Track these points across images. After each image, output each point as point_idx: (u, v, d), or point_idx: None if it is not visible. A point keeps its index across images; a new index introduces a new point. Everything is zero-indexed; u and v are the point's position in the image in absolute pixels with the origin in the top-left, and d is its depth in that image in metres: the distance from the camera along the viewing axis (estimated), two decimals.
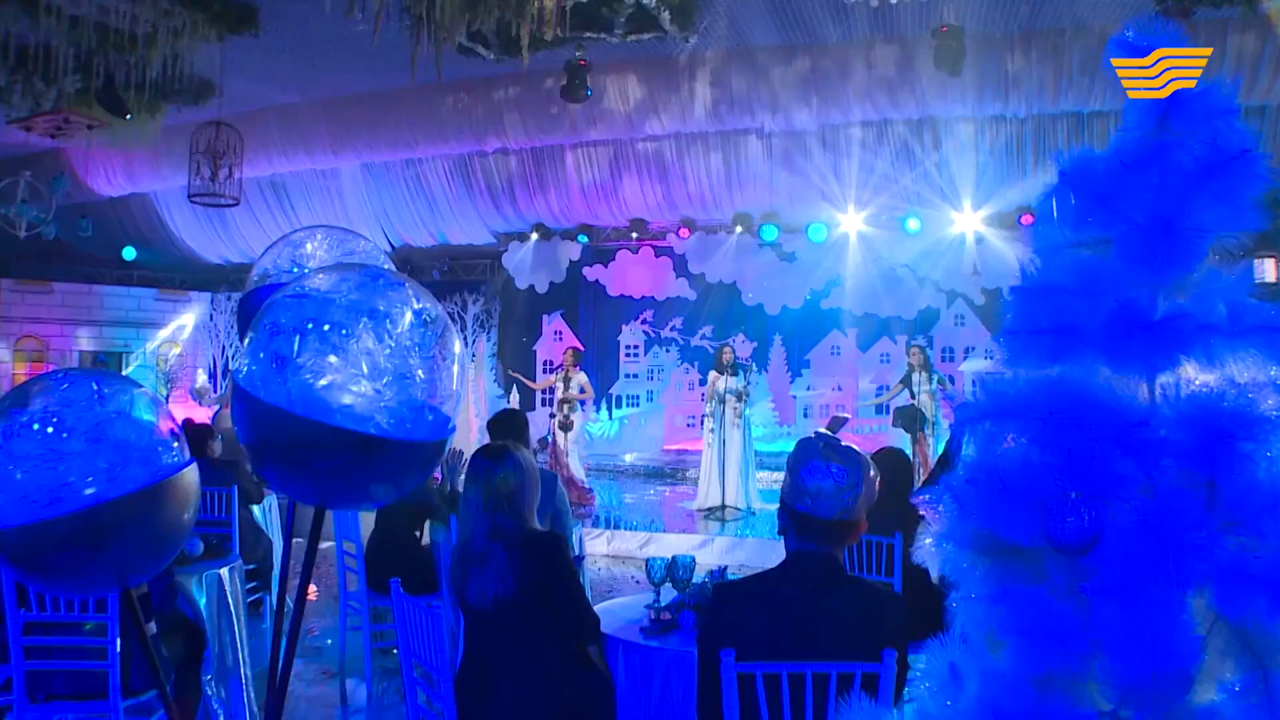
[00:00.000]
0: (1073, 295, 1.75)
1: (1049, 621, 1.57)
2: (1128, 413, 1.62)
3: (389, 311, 1.90)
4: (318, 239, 2.67)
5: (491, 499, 3.01)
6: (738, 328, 14.87)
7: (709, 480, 9.50)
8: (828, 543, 2.46)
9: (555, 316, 15.78)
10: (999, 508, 1.71)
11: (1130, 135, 1.85)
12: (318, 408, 1.79)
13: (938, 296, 14.07)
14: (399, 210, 15.82)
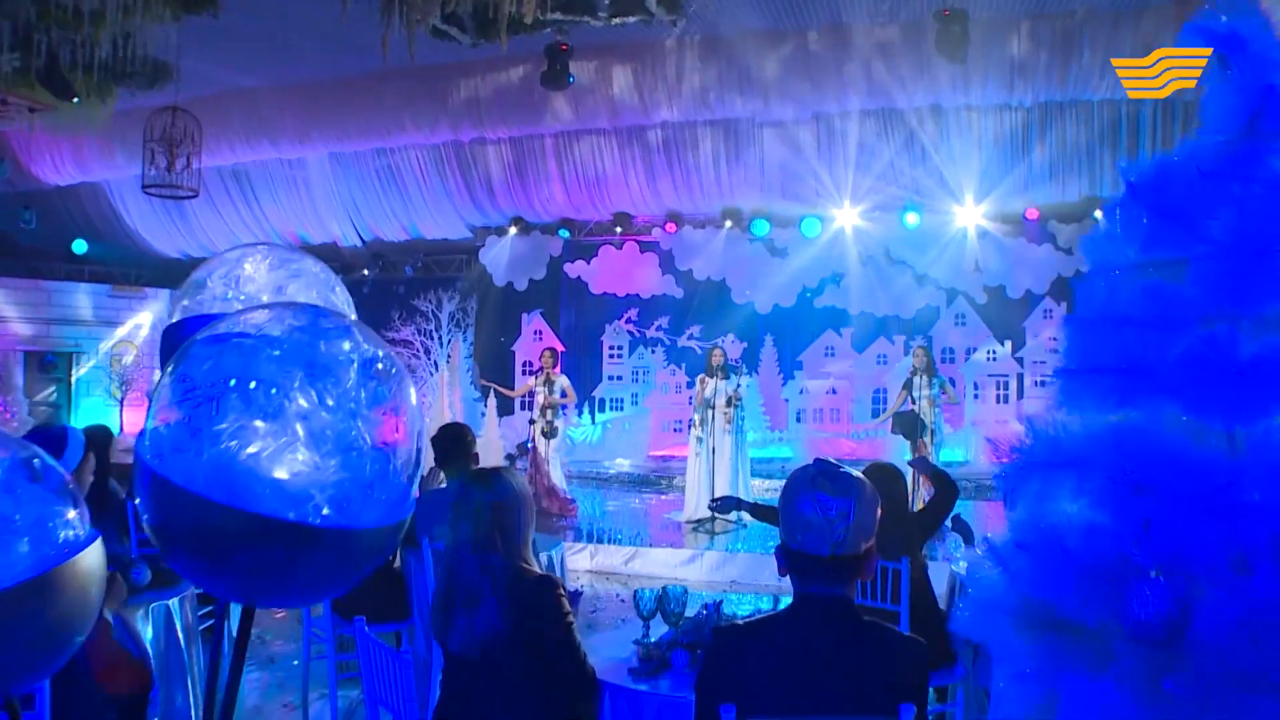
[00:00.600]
0: (1141, 328, 1.53)
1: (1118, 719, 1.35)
2: (1212, 471, 1.40)
3: (331, 363, 1.59)
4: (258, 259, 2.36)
5: (484, 534, 2.74)
6: (727, 327, 14.72)
7: (697, 491, 9.29)
8: (833, 582, 2.25)
9: (535, 315, 15.59)
10: (1056, 577, 1.49)
11: (1210, 139, 1.62)
12: (240, 489, 1.48)
13: (937, 294, 14.04)
14: (370, 202, 15.57)
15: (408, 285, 16.05)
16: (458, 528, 2.80)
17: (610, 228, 14.98)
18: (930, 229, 13.52)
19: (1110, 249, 1.59)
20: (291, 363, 1.53)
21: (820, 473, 2.21)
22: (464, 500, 2.85)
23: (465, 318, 15.71)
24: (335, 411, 1.50)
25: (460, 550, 2.81)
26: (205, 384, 1.51)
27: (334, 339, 1.59)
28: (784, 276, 14.39)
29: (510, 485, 2.88)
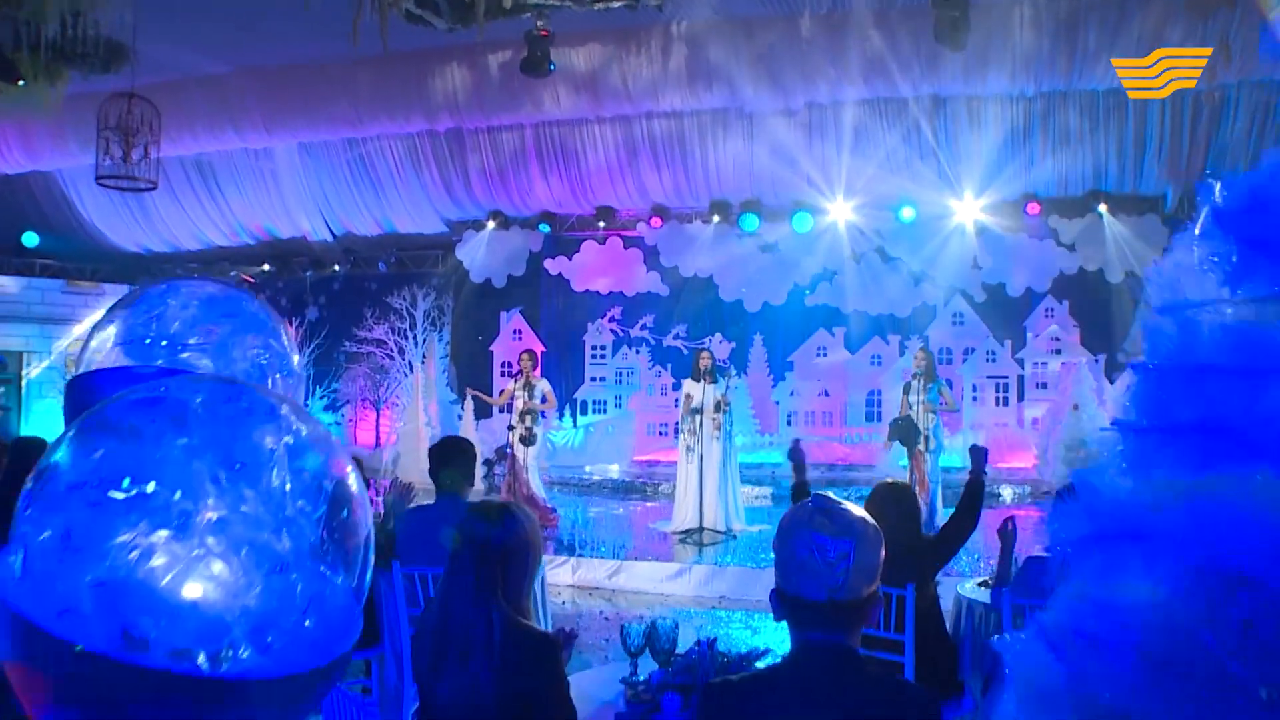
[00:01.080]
0: (1228, 377, 1.31)
1: None
2: None
3: (255, 457, 1.28)
4: (192, 307, 2.02)
5: (488, 579, 2.49)
6: (714, 326, 14.69)
7: (685, 500, 9.06)
8: (834, 629, 2.08)
9: (514, 313, 15.43)
10: (1125, 678, 1.27)
11: None
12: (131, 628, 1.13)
13: (934, 292, 13.93)
14: (341, 195, 15.32)
15: (381, 282, 15.93)
16: (458, 567, 2.53)
17: (593, 222, 14.83)
18: (927, 224, 13.43)
19: (1187, 284, 1.36)
20: (204, 456, 1.23)
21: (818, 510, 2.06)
22: (470, 537, 2.55)
23: (441, 316, 15.60)
24: (258, 520, 1.22)
25: (457, 593, 2.55)
26: (90, 483, 1.20)
27: (260, 423, 1.31)
28: (774, 273, 14.31)
29: (523, 525, 2.61)
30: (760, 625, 6.76)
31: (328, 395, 16.78)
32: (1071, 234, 13.15)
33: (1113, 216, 12.84)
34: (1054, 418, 11.38)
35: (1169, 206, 12.73)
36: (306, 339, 16.42)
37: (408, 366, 15.30)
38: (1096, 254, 13.02)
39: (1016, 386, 13.64)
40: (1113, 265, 12.89)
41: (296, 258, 16.56)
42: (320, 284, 16.72)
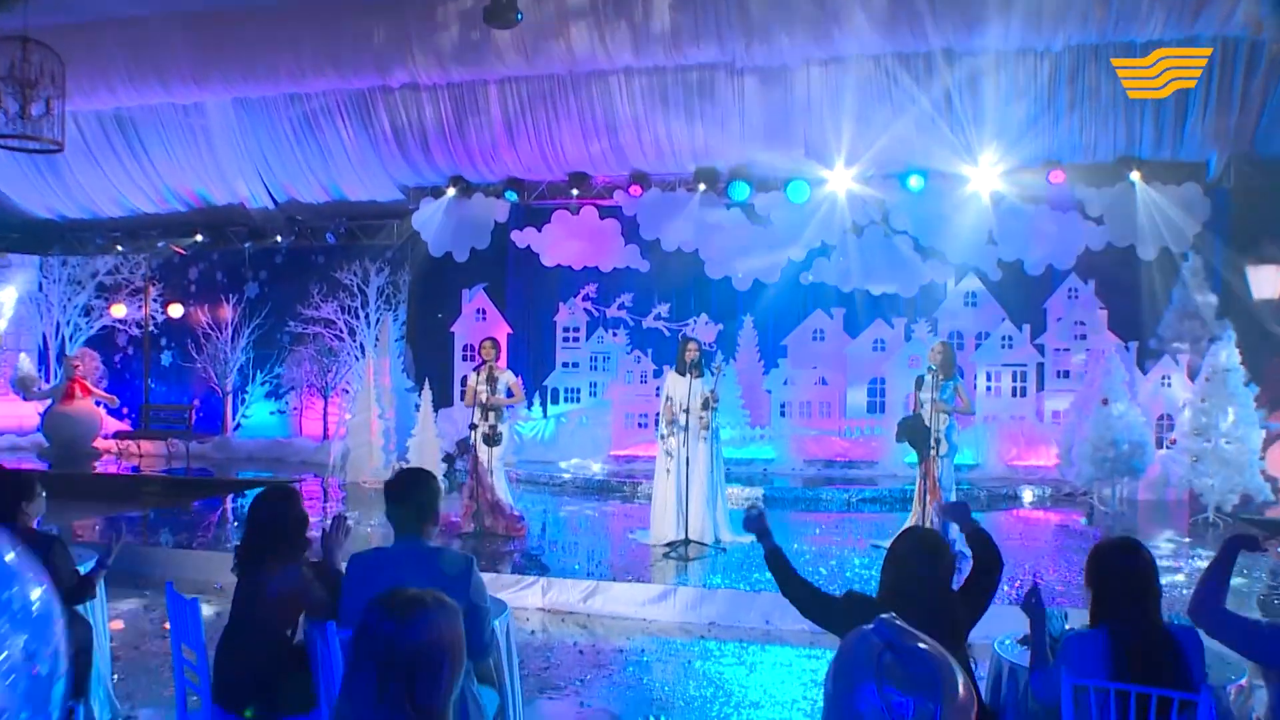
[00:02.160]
0: None
1: None
2: None
3: None
4: None
5: (392, 689, 2.02)
6: (699, 306, 14.57)
7: (667, 510, 8.50)
8: None
9: (477, 291, 15.07)
10: None
11: None
12: None
13: (944, 270, 13.73)
14: (283, 157, 14.69)
15: (329, 254, 15.70)
16: (358, 668, 2.11)
17: (565, 189, 14.53)
18: (938, 194, 13.15)
19: None
20: None
21: (889, 646, 1.75)
22: (371, 635, 2.13)
23: (396, 293, 15.44)
24: None
25: (359, 699, 2.12)
26: None
27: None
28: (766, 248, 14.04)
29: (439, 624, 2.15)
30: (755, 660, 6.22)
31: (270, 381, 16.37)
32: (1100, 205, 12.83)
33: (1147, 185, 12.50)
34: (1079, 412, 10.89)
35: (1212, 174, 12.37)
36: (245, 318, 16.26)
37: (359, 349, 15.02)
38: (1127, 228, 12.71)
39: (1036, 376, 13.38)
40: (1145, 240, 12.60)
41: (234, 227, 16.18)
42: (261, 256, 16.43)
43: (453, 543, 8.49)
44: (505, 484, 9.20)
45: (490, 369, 9.04)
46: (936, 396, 7.82)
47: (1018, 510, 11.08)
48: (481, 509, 8.91)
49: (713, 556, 8.12)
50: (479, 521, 8.90)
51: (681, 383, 8.50)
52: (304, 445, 15.55)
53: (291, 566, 3.99)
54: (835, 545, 8.71)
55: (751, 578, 7.29)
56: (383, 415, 12.87)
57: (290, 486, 4.13)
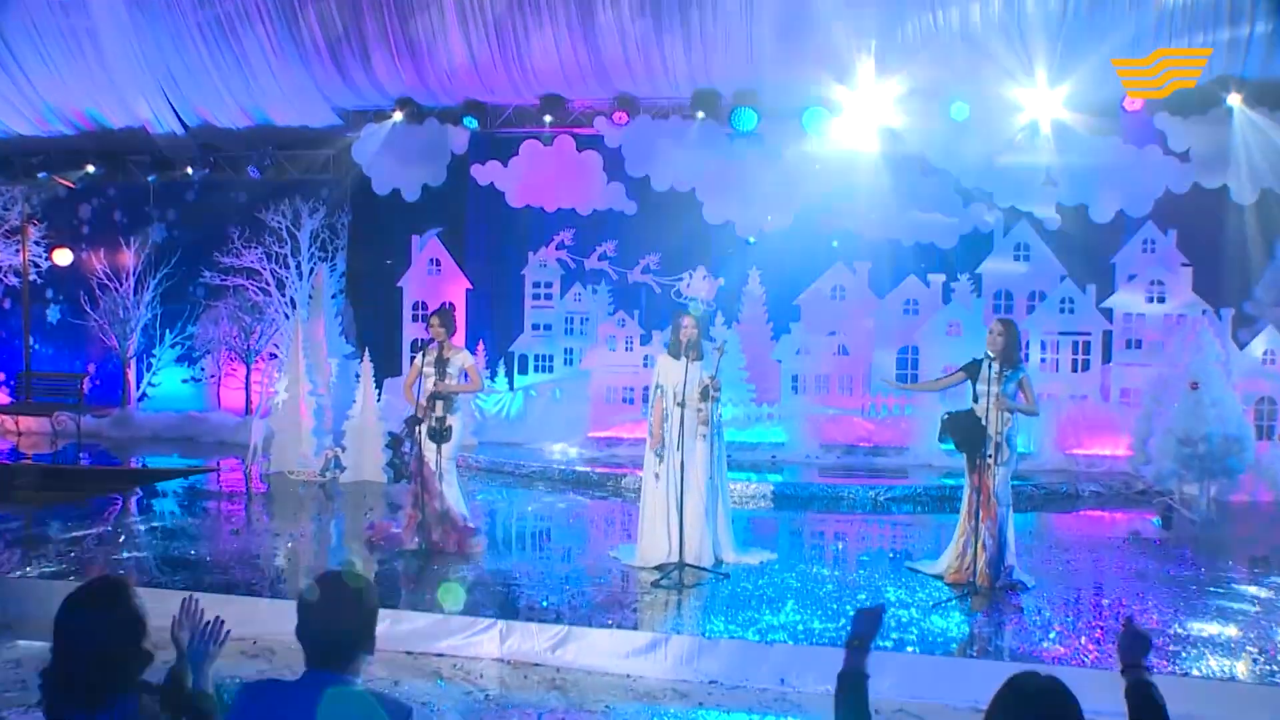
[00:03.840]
0: None
1: None
2: None
3: None
4: None
5: None
6: (696, 257, 14.14)
7: (657, 525, 7.68)
8: None
9: (430, 237, 14.77)
10: None
11: None
12: None
13: (991, 216, 13.40)
14: (192, 71, 13.97)
15: (252, 191, 15.36)
16: None
17: (536, 115, 14.22)
18: (985, 124, 12.74)
19: None
20: None
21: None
22: None
23: (334, 239, 15.11)
24: None
25: None
26: None
27: None
28: (777, 188, 13.71)
29: None
30: None
31: (181, 343, 15.88)
32: (1186, 137, 12.41)
33: (1248, 113, 12.02)
34: (1158, 393, 10.40)
35: None
36: (150, 266, 15.76)
37: (288, 304, 14.62)
38: (1220, 165, 12.31)
39: (1102, 346, 12.99)
40: (1243, 181, 12.16)
41: (134, 156, 15.66)
42: (168, 192, 16.02)
43: (395, 562, 7.68)
44: (457, 489, 8.41)
45: (441, 348, 8.19)
46: (1000, 391, 7.01)
47: (1079, 511, 10.51)
48: (428, 521, 8.13)
49: (713, 586, 7.33)
50: (424, 536, 8.12)
51: (676, 368, 7.65)
52: (223, 421, 15.02)
53: (122, 701, 2.98)
54: (862, 569, 7.90)
55: (762, 620, 6.47)
56: (315, 389, 12.07)
57: (114, 578, 3.12)
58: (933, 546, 8.31)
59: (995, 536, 7.00)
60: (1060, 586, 7.28)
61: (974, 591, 6.84)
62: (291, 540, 8.39)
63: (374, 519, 9.14)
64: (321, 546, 8.54)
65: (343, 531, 9.18)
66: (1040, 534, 9.26)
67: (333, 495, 10.57)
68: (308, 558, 8.09)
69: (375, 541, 8.31)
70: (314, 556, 8.14)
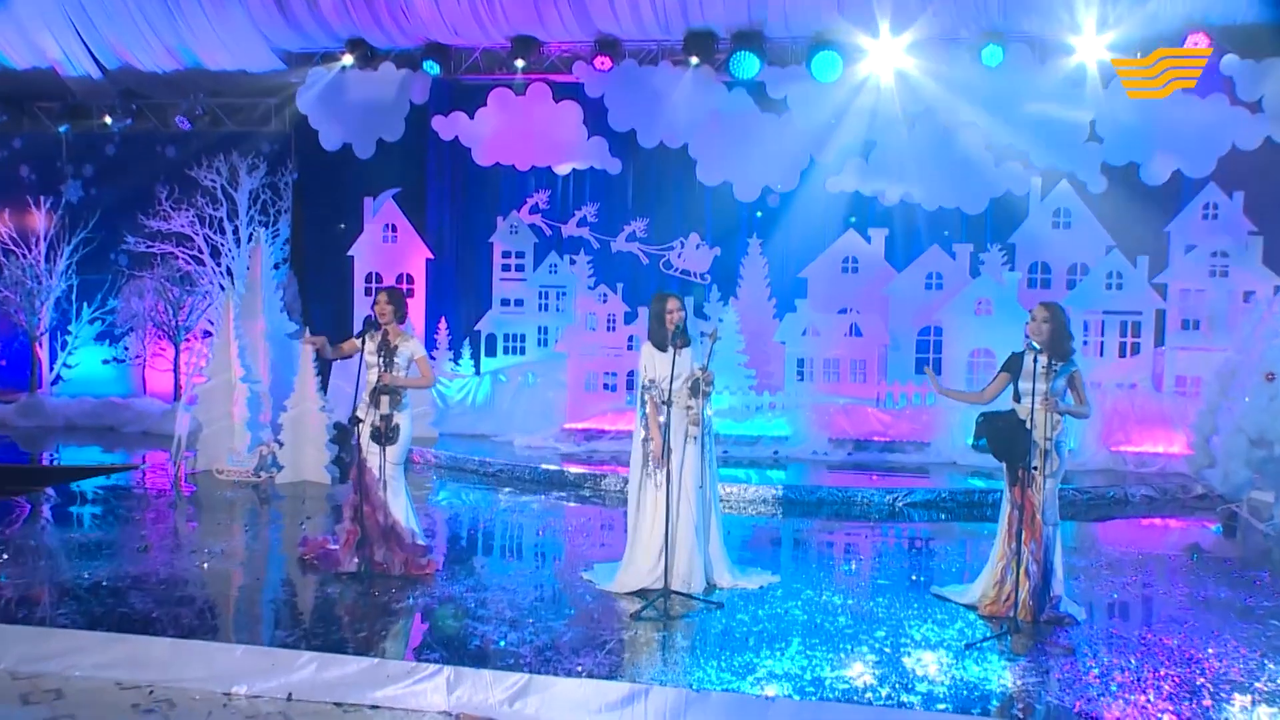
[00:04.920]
0: None
1: None
2: None
3: None
4: None
5: None
6: (689, 223, 14.28)
7: (639, 542, 7.20)
8: None
9: (386, 200, 14.76)
10: None
11: None
12: None
13: (1025, 176, 13.32)
14: (109, 5, 13.67)
15: (182, 146, 15.27)
16: None
17: (506, 61, 14.18)
18: (1021, 71, 12.75)
19: None
20: None
21: None
22: None
23: (276, 201, 14.98)
24: None
25: None
26: None
27: None
28: (782, 144, 13.75)
29: None
30: None
31: (101, 318, 15.69)
32: (1259, 84, 12.25)
33: None
34: (1223, 381, 10.19)
35: None
36: (64, 232, 15.61)
37: (224, 275, 14.47)
38: None
39: (1155, 327, 12.82)
40: None
41: (43, 103, 15.51)
42: (84, 145, 15.87)
43: (329, 588, 7.09)
44: (406, 500, 7.82)
45: (387, 334, 7.58)
46: (1048, 390, 6.44)
47: (1127, 519, 10.10)
48: (369, 537, 7.52)
49: (703, 618, 6.78)
50: (365, 556, 7.50)
51: (661, 360, 7.08)
52: (149, 408, 14.69)
53: None
54: (880, 597, 7.32)
55: (760, 665, 5.91)
56: (250, 375, 11.50)
57: None
58: (960, 565, 7.89)
59: (1040, 562, 6.45)
60: (1115, 620, 6.72)
61: (1015, 629, 6.27)
62: (210, 559, 7.76)
63: (309, 531, 8.55)
64: (246, 567, 7.92)
65: (276, 545, 8.57)
66: (1085, 548, 8.71)
67: (268, 498, 10.09)
68: (224, 584, 7.45)
69: (309, 561, 7.72)
70: (233, 582, 7.51)
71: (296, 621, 6.43)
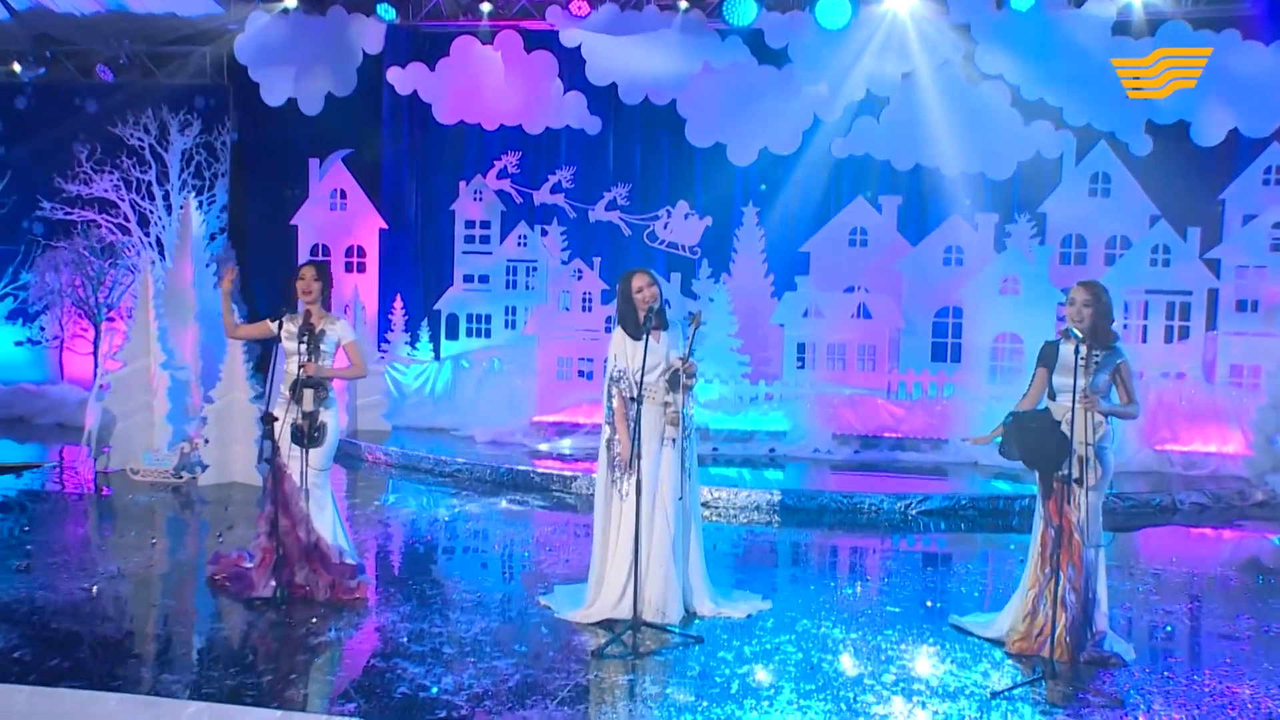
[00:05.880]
0: None
1: None
2: None
3: None
4: None
5: None
6: (678, 190, 14.28)
7: (605, 563, 6.74)
8: None
9: (334, 162, 14.67)
10: None
11: None
12: None
13: (1058, 137, 13.21)
14: None
15: (104, 100, 15.10)
16: None
17: (472, 4, 14.28)
18: (1054, 15, 12.70)
19: None
20: None
21: None
22: None
23: (213, 162, 14.89)
24: None
25: None
26: None
27: None
28: (781, 101, 13.71)
29: None
30: None
31: (12, 294, 15.48)
32: None
33: None
34: None
35: None
36: None
37: (153, 246, 14.37)
38: None
39: (1207, 309, 12.63)
40: None
41: None
42: None
43: (234, 617, 6.54)
44: (333, 512, 7.34)
45: (310, 316, 7.07)
46: (1088, 385, 5.89)
47: (1175, 527, 9.76)
48: (288, 557, 6.99)
49: (679, 656, 6.33)
50: (284, 579, 6.94)
51: (633, 348, 6.57)
52: (67, 396, 14.41)
53: None
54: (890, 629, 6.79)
55: (744, 718, 5.37)
56: (172, 360, 11.10)
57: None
58: (983, 587, 7.47)
59: (1080, 591, 5.94)
60: (1170, 660, 6.17)
61: (1050, 673, 5.71)
62: (101, 581, 7.17)
63: (225, 546, 7.96)
64: (142, 591, 7.31)
65: (183, 563, 7.98)
66: (1127, 566, 8.22)
67: (189, 503, 9.63)
68: (111, 613, 6.82)
69: (218, 582, 7.16)
70: (124, 611, 6.90)
71: (190, 662, 5.85)
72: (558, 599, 7.21)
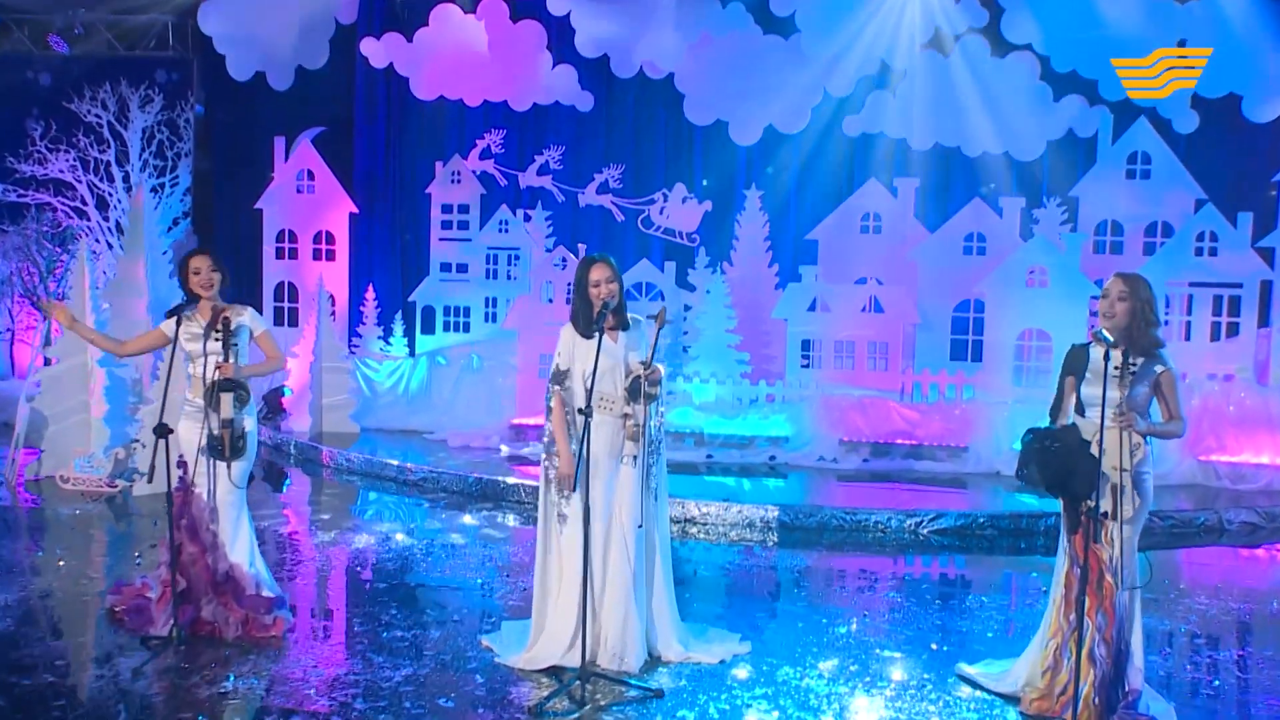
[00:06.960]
0: None
1: None
2: None
3: None
4: None
5: None
6: (675, 172, 14.24)
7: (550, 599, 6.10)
8: None
9: (303, 141, 14.41)
10: None
11: None
12: None
13: (1093, 114, 13.04)
14: None
15: (59, 73, 14.99)
16: None
17: None
18: None
19: None
20: None
21: None
22: None
23: (176, 141, 14.78)
24: None
25: None
26: None
27: None
28: (787, 76, 13.60)
29: None
30: None
31: None
32: None
33: None
34: None
35: None
36: None
37: (111, 230, 14.16)
38: None
39: (1260, 303, 12.33)
40: None
41: None
42: None
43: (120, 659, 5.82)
44: (249, 535, 6.68)
45: (218, 308, 6.41)
46: (1124, 399, 5.14)
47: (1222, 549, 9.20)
48: (194, 589, 6.31)
49: (635, 714, 5.65)
50: (184, 615, 6.24)
51: (584, 349, 5.92)
52: (15, 392, 13.66)
53: None
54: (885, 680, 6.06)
55: None
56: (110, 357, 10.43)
57: None
58: (1000, 624, 6.81)
59: (1111, 642, 5.23)
60: None
61: None
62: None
63: (142, 569, 7.30)
64: (29, 626, 6.59)
65: (88, 590, 7.27)
66: (1167, 600, 7.51)
67: (125, 514, 9.10)
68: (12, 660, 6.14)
69: (118, 615, 6.47)
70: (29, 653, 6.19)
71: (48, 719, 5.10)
72: (502, 639, 6.57)
